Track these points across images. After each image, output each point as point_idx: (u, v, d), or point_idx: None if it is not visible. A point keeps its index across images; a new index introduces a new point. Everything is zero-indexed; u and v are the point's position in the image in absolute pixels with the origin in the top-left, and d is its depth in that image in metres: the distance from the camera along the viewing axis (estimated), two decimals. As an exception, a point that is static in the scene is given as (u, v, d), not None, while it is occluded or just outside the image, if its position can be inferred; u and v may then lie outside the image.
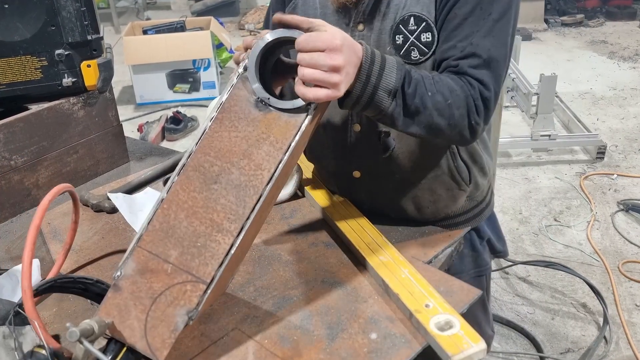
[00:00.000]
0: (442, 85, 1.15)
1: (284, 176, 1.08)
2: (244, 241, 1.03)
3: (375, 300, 1.17)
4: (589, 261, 2.85)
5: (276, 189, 1.08)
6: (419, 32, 1.22)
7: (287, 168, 1.06)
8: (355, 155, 1.39)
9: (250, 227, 1.01)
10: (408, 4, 1.23)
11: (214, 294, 1.03)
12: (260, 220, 1.13)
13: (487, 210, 1.52)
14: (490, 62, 1.18)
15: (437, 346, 1.03)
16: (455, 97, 1.15)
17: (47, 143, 1.65)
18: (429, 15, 1.21)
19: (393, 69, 1.09)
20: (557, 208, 3.30)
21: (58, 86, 1.67)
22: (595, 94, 4.81)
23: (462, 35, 1.19)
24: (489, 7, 1.18)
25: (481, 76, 1.17)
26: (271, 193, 1.03)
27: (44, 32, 1.60)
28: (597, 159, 3.75)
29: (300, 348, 1.06)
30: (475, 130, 1.19)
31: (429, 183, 1.37)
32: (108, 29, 7.17)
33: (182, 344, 1.08)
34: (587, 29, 6.55)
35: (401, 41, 1.24)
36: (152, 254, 1.01)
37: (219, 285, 1.02)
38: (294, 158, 1.08)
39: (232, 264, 1.04)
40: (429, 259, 1.31)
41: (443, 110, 1.14)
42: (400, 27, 1.24)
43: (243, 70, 1.05)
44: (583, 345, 2.36)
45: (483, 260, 1.53)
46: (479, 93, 1.17)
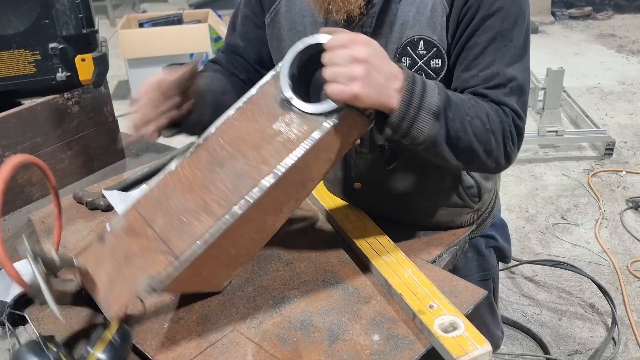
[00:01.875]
0: (480, 110, 1.12)
1: (293, 184, 1.06)
2: (237, 237, 1.04)
3: (378, 300, 1.17)
4: (597, 260, 2.85)
5: (283, 194, 1.07)
6: (429, 57, 1.19)
7: (298, 174, 1.05)
8: (356, 167, 1.37)
9: (244, 223, 1.02)
10: (416, 24, 1.18)
11: (191, 279, 1.04)
12: (262, 224, 1.12)
13: (490, 218, 1.52)
14: (518, 88, 1.17)
15: (441, 348, 1.03)
16: (492, 123, 1.13)
17: (41, 139, 1.65)
18: (440, 41, 1.18)
19: (435, 90, 1.07)
20: (564, 206, 3.29)
21: (52, 81, 1.66)
22: (604, 88, 4.80)
23: (484, 64, 1.16)
24: (510, 33, 1.16)
25: (512, 103, 1.16)
26: (273, 195, 1.03)
27: (38, 25, 1.60)
28: (606, 155, 3.75)
29: (300, 350, 1.06)
30: (510, 157, 1.18)
31: (434, 198, 1.37)
32: (103, 22, 7.15)
33: (179, 346, 1.08)
34: (595, 22, 6.53)
35: (408, 64, 1.20)
36: (141, 217, 1.06)
37: (198, 270, 1.03)
38: (308, 167, 1.06)
39: (218, 254, 1.05)
40: (433, 259, 1.30)
41: (481, 136, 1.12)
42: (407, 50, 1.20)
43: (278, 68, 1.07)
44: (591, 347, 2.36)
45: (489, 264, 1.53)
46: (512, 120, 1.16)
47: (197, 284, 1.14)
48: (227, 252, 1.10)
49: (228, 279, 1.21)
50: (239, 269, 1.21)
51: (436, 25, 1.17)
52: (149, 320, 1.14)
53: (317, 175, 1.13)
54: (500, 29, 1.15)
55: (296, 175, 1.05)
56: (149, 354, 1.06)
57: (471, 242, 1.47)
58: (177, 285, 1.03)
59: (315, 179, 1.13)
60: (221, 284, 1.20)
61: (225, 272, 1.18)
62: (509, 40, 1.16)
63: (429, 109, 1.05)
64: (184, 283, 1.07)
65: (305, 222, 1.44)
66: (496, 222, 1.56)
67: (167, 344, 1.08)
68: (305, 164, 1.04)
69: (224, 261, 1.13)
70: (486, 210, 1.49)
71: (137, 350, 1.09)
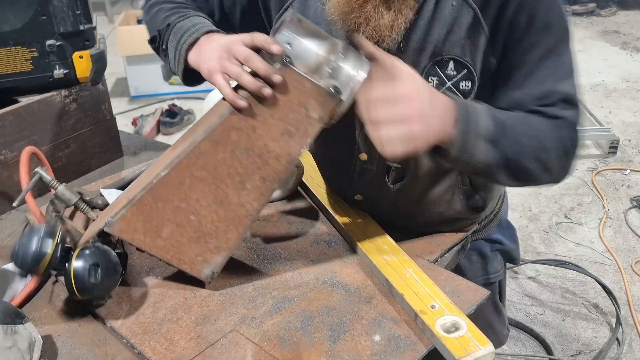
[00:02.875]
0: (535, 129, 1.12)
1: (244, 149, 1.12)
2: (188, 195, 1.14)
3: (379, 300, 1.17)
4: (601, 260, 2.85)
5: (235, 161, 1.13)
6: (459, 78, 1.16)
7: (244, 138, 1.11)
8: (359, 183, 1.36)
9: (191, 179, 1.13)
10: (447, 44, 1.15)
11: (150, 230, 1.15)
12: (222, 195, 1.15)
13: (495, 220, 1.51)
14: (572, 102, 1.15)
15: (443, 349, 1.03)
16: (549, 140, 1.12)
17: (38, 137, 1.65)
18: (473, 62, 1.15)
19: (484, 114, 1.08)
20: (568, 205, 3.29)
21: (49, 78, 1.66)
22: (608, 86, 4.80)
23: (536, 81, 1.14)
24: (559, 48, 1.14)
25: (570, 117, 1.14)
26: (219, 156, 1.12)
27: (35, 21, 1.59)
28: (610, 153, 3.75)
29: (300, 350, 1.06)
30: (570, 169, 1.17)
31: (436, 214, 1.36)
32: (101, 19, 7.16)
33: (177, 346, 1.08)
34: (599, 19, 6.53)
35: (435, 84, 1.17)
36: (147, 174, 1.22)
37: (151, 219, 1.14)
38: (255, 131, 1.11)
39: (173, 213, 1.15)
40: (435, 258, 1.31)
41: (539, 155, 1.12)
42: (436, 69, 1.16)
43: None
44: (595, 347, 2.36)
45: (493, 267, 1.51)
46: (570, 132, 1.14)
47: (163, 247, 1.17)
48: (187, 217, 1.15)
49: (207, 264, 1.19)
50: (216, 255, 1.19)
51: (470, 46, 1.14)
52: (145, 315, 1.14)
53: (277, 149, 1.12)
54: (549, 44, 1.13)
55: (242, 139, 1.11)
56: (147, 355, 1.06)
57: (475, 245, 1.47)
58: (134, 230, 1.14)
59: (278, 155, 1.13)
60: (200, 268, 1.19)
61: (198, 251, 1.18)
62: (559, 55, 1.14)
63: (485, 136, 1.06)
64: (144, 233, 1.15)
65: (306, 222, 1.44)
66: (502, 224, 1.55)
67: (165, 345, 1.08)
68: (251, 127, 1.10)
69: (187, 230, 1.16)
70: (491, 214, 1.48)
71: (137, 350, 1.09)
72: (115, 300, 1.20)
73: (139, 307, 1.18)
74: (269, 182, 1.15)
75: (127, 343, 1.11)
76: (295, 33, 1.07)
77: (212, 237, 1.17)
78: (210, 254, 1.19)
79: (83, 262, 1.11)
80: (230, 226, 1.17)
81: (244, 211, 1.17)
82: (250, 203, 1.16)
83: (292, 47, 1.07)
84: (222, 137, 1.11)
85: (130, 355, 1.09)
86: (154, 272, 1.28)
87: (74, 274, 1.10)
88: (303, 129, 1.12)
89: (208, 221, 1.16)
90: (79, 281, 1.10)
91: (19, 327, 1.06)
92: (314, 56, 1.07)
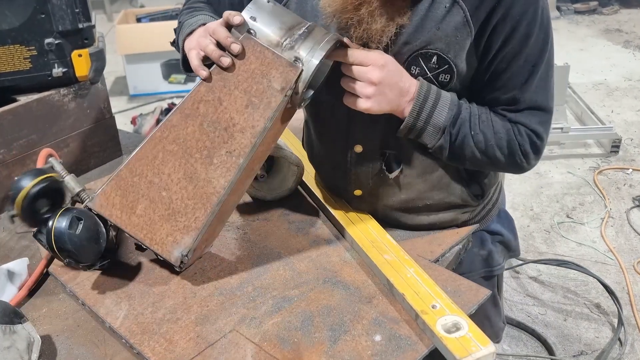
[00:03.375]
0: (489, 126, 1.25)
1: (211, 122, 1.17)
2: (159, 168, 1.18)
3: (380, 300, 1.17)
4: (603, 260, 2.85)
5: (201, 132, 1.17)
6: (439, 71, 1.22)
7: (211, 109, 1.16)
8: (356, 175, 1.37)
9: (160, 149, 1.18)
10: (434, 39, 1.19)
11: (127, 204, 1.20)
12: (190, 167, 1.18)
13: (494, 210, 1.52)
14: (539, 110, 1.25)
15: (444, 349, 1.03)
16: (499, 139, 1.25)
17: (37, 136, 1.65)
18: (455, 59, 1.20)
19: (446, 106, 1.22)
20: (569, 204, 3.29)
21: (48, 77, 1.66)
22: (610, 84, 4.80)
23: (508, 88, 1.23)
24: (534, 59, 1.21)
25: (533, 126, 1.25)
26: (184, 125, 1.17)
27: (33, 20, 1.60)
28: (612, 152, 3.75)
29: (301, 351, 1.06)
30: (522, 167, 1.30)
31: (435, 202, 1.37)
32: (100, 17, 7.16)
33: (177, 346, 1.08)
34: (601, 17, 6.53)
35: (416, 73, 1.23)
36: None
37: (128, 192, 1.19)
38: (222, 103, 1.16)
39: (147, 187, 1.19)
40: (436, 258, 1.31)
41: (485, 149, 1.25)
42: (419, 60, 1.22)
43: None
44: (597, 348, 2.36)
45: (494, 260, 1.52)
46: (529, 139, 1.26)
47: (137, 225, 1.19)
48: (159, 193, 1.18)
49: (177, 245, 1.19)
50: (185, 235, 1.19)
51: (455, 45, 1.19)
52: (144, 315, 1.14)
53: (242, 122, 1.16)
54: (526, 55, 1.20)
55: (210, 111, 1.17)
56: (147, 355, 1.06)
57: (476, 236, 1.47)
58: (112, 205, 1.20)
59: (243, 128, 1.16)
60: (170, 249, 1.19)
61: (169, 229, 1.19)
62: (531, 66, 1.21)
63: (435, 124, 1.23)
64: (120, 208, 1.20)
65: (306, 221, 1.44)
66: (502, 215, 1.56)
67: (164, 345, 1.08)
68: (218, 100, 1.16)
69: (160, 207, 1.19)
70: (489, 202, 1.49)
71: (136, 350, 1.09)
72: (114, 300, 1.20)
73: (138, 307, 1.18)
74: (235, 156, 1.17)
75: (126, 343, 1.11)
76: (261, 8, 1.14)
77: (182, 215, 1.19)
78: (180, 234, 1.19)
79: (66, 216, 1.15)
80: (198, 204, 1.18)
81: (211, 188, 1.18)
82: (217, 179, 1.18)
83: (256, 21, 1.14)
84: (192, 109, 1.17)
85: (129, 355, 1.09)
86: (153, 271, 1.28)
87: (55, 227, 1.14)
88: (266, 100, 1.15)
89: (178, 198, 1.19)
90: (58, 233, 1.14)
91: (17, 326, 1.06)
92: (277, 30, 1.15)
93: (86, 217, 1.17)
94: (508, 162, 1.28)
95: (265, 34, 1.14)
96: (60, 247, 1.14)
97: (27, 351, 1.04)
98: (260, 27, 1.14)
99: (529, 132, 1.25)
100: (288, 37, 1.14)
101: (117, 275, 1.27)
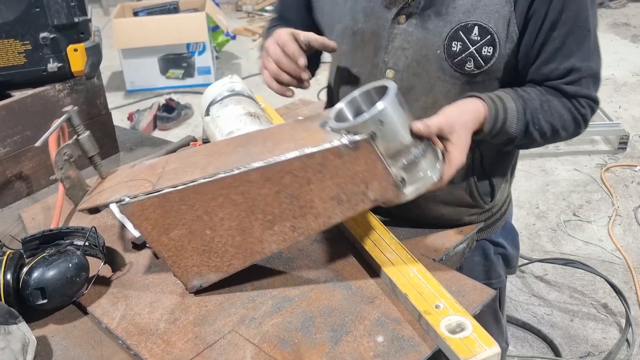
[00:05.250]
0: (551, 115, 1.26)
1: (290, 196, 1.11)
2: (214, 213, 1.13)
3: (382, 300, 1.17)
4: (610, 259, 2.85)
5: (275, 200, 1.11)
6: (482, 44, 1.22)
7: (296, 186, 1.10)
8: None
9: (223, 197, 1.11)
10: (472, 10, 1.21)
11: (159, 225, 1.15)
12: (247, 224, 1.14)
13: (501, 221, 1.51)
14: (595, 76, 1.29)
15: (447, 350, 1.03)
16: (563, 122, 1.27)
17: (31, 132, 1.65)
18: (496, 29, 1.21)
19: (513, 121, 1.22)
20: (576, 202, 3.29)
21: (43, 72, 1.66)
22: (617, 80, 4.80)
23: (563, 57, 1.24)
24: (586, 23, 1.23)
25: (590, 93, 1.29)
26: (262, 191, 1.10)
27: (28, 14, 1.59)
28: (619, 149, 3.75)
29: (301, 352, 1.06)
30: (583, 128, 1.33)
31: (444, 200, 1.38)
32: (96, 11, 7.15)
33: (175, 347, 1.08)
34: (609, 11, 6.52)
35: (458, 49, 1.23)
36: (165, 161, 1.25)
37: (166, 218, 1.14)
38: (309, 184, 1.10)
39: (192, 220, 1.14)
40: (440, 257, 1.30)
41: (551, 136, 1.28)
42: (460, 34, 1.22)
43: None
44: (604, 349, 2.36)
45: (495, 272, 1.52)
46: (590, 109, 1.30)
47: (166, 245, 1.16)
48: (203, 229, 1.14)
49: (199, 277, 1.20)
50: (211, 273, 1.19)
51: (495, 13, 1.20)
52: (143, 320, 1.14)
53: (320, 209, 1.12)
54: (576, 20, 1.20)
55: (294, 186, 1.09)
56: (144, 356, 1.06)
57: (479, 245, 1.47)
58: (145, 218, 1.14)
59: (318, 214, 1.13)
60: (190, 277, 1.19)
61: (197, 262, 1.18)
62: (586, 30, 1.23)
63: (508, 136, 1.24)
64: (153, 225, 1.15)
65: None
66: (507, 228, 1.55)
67: (162, 346, 1.08)
68: (307, 180, 1.09)
69: (197, 241, 1.16)
70: (498, 212, 1.48)
71: (133, 352, 1.09)
72: (111, 300, 1.20)
73: (134, 307, 1.18)
74: (297, 233, 1.15)
75: (123, 344, 1.11)
76: (391, 113, 1.05)
77: (217, 257, 1.18)
78: (207, 270, 1.19)
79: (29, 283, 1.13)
80: (239, 254, 1.18)
81: (259, 247, 1.17)
82: (270, 243, 1.16)
83: (382, 126, 1.04)
84: (276, 176, 1.09)
85: (126, 356, 1.09)
86: (151, 271, 1.28)
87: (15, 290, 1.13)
88: (354, 203, 1.11)
89: (221, 241, 1.16)
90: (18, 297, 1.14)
91: (12, 327, 1.06)
92: (397, 144, 1.06)
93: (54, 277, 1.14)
94: (573, 134, 1.32)
95: (386, 142, 1.06)
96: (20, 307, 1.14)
97: (22, 352, 1.04)
98: (384, 134, 1.05)
99: (589, 102, 1.29)
100: (404, 155, 1.08)
101: (113, 275, 1.27)
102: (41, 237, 1.30)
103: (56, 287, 1.13)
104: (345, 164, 1.07)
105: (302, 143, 1.09)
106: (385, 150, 1.06)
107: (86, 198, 1.26)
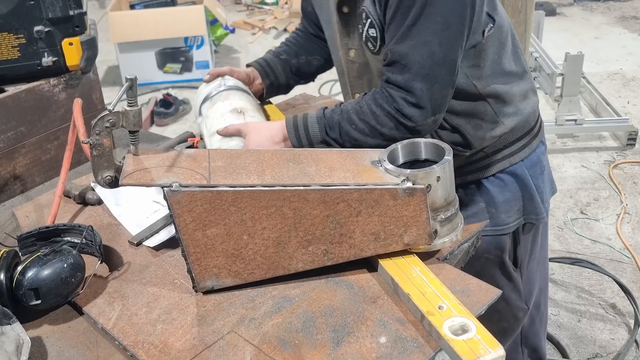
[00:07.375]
0: (365, 113, 1.39)
1: (336, 223, 1.18)
2: (258, 221, 1.15)
3: (385, 300, 1.17)
4: (618, 258, 2.85)
5: (321, 223, 1.17)
6: (367, 27, 1.43)
7: (345, 214, 1.17)
8: None
9: (272, 209, 1.15)
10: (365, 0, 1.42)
11: (201, 221, 1.14)
12: (285, 238, 1.18)
13: (495, 165, 1.60)
14: (409, 65, 1.33)
15: (451, 352, 1.03)
16: (379, 118, 1.37)
17: (26, 128, 1.65)
18: (376, 14, 1.40)
19: (314, 125, 1.42)
20: (584, 200, 3.29)
21: (37, 66, 1.66)
22: (626, 74, 4.79)
23: (388, 39, 1.38)
24: (408, 10, 1.32)
25: (403, 82, 1.34)
26: (311, 211, 1.16)
27: (22, 6, 1.59)
28: (628, 145, 3.74)
29: (302, 353, 1.06)
30: (416, 130, 1.37)
31: None
32: (92, 4, 7.15)
33: (172, 348, 1.08)
34: (617, 4, 6.51)
35: (360, 31, 1.46)
36: (207, 154, 1.26)
37: (209, 217, 1.14)
38: (358, 216, 1.17)
39: (234, 222, 1.15)
40: (444, 256, 1.30)
41: (372, 133, 1.38)
42: (362, 19, 1.44)
43: None
44: (612, 350, 2.36)
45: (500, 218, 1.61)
46: (403, 100, 1.35)
47: (196, 240, 1.16)
48: (241, 233, 1.16)
49: (215, 279, 1.19)
50: (229, 277, 1.19)
51: (372, 2, 1.39)
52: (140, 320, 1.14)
53: (357, 241, 1.19)
54: (399, 6, 1.32)
55: (344, 214, 1.17)
56: (141, 357, 1.06)
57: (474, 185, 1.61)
58: (188, 210, 1.13)
59: (353, 245, 1.19)
60: (206, 277, 1.19)
61: (220, 263, 1.18)
62: (405, 17, 1.32)
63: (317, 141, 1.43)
64: (193, 218, 1.14)
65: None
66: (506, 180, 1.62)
67: (159, 347, 1.08)
68: (357, 211, 1.17)
69: (230, 243, 1.16)
70: (486, 156, 1.58)
71: (129, 353, 1.09)
72: (107, 300, 1.20)
73: (131, 307, 1.18)
74: (327, 258, 1.20)
75: (119, 345, 1.11)
76: (448, 172, 1.20)
77: (242, 263, 1.19)
78: (226, 274, 1.19)
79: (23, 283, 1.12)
80: (264, 265, 1.19)
81: (286, 263, 1.20)
82: (298, 262, 1.20)
83: (438, 181, 1.18)
84: (332, 201, 1.16)
85: (123, 358, 1.09)
86: (148, 270, 1.28)
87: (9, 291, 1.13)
88: (389, 242, 1.20)
89: (252, 249, 1.18)
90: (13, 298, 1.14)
91: (6, 327, 1.06)
92: (442, 200, 1.21)
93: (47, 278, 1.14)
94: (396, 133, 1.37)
95: (437, 196, 1.20)
96: None
97: (16, 353, 1.04)
98: (437, 188, 1.18)
99: (400, 93, 1.35)
100: (444, 211, 1.22)
101: (109, 274, 1.27)
102: (37, 234, 1.30)
103: (50, 287, 1.13)
104: (396, 206, 1.17)
105: (359, 176, 1.19)
106: (431, 203, 1.19)
107: (126, 174, 1.21)
